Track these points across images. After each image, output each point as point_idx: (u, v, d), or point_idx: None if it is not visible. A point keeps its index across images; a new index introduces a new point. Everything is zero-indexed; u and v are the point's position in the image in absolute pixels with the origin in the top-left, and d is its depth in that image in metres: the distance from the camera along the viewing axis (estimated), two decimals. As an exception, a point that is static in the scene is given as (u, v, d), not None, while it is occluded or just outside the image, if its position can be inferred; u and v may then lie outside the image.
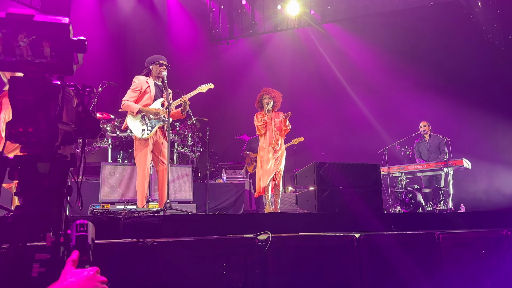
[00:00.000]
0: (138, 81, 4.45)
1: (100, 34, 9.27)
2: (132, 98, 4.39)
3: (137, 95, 4.41)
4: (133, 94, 4.40)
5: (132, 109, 4.33)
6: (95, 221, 2.68)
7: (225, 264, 2.32)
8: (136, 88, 4.42)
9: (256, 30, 9.47)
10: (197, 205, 5.85)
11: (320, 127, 9.81)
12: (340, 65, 10.25)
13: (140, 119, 4.34)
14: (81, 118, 1.27)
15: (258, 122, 5.45)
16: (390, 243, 2.70)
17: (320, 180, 3.69)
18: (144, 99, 4.42)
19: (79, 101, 1.30)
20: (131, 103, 4.36)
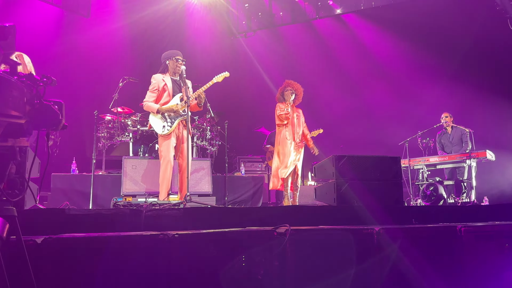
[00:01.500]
0: (155, 81, 4.57)
1: (119, 29, 9.39)
2: (152, 98, 4.54)
3: (155, 94, 4.55)
4: (152, 94, 4.55)
5: (152, 110, 4.50)
6: (118, 214, 2.75)
7: (245, 256, 2.35)
8: (153, 88, 4.56)
9: (274, 22, 9.42)
10: (217, 198, 5.92)
11: (339, 119, 9.72)
12: (359, 56, 10.09)
13: (161, 117, 4.49)
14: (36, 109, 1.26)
15: (281, 111, 5.38)
16: (410, 236, 2.68)
17: (339, 173, 3.67)
18: (163, 97, 4.54)
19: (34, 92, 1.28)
20: (150, 103, 4.52)
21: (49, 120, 1.25)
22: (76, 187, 5.63)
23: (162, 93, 4.55)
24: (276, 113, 5.45)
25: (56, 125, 1.28)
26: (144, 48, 9.33)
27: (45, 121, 1.25)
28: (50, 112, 1.24)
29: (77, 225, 2.59)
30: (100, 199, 5.54)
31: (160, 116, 4.48)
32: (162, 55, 4.68)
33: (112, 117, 6.32)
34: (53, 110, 1.24)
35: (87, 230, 2.51)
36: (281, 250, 2.41)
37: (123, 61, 9.05)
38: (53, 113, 1.24)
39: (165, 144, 4.46)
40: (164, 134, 4.46)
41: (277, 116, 5.44)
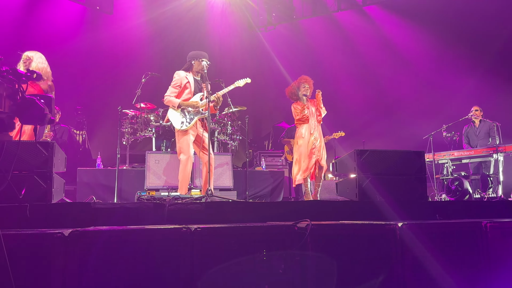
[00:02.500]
0: (178, 77, 4.63)
1: (142, 25, 9.52)
2: (173, 94, 4.59)
3: (177, 90, 4.60)
4: (173, 89, 4.61)
5: (174, 104, 4.54)
6: (142, 207, 2.81)
7: (265, 250, 2.37)
8: (176, 84, 4.61)
9: (294, 15, 9.35)
10: (237, 193, 5.96)
11: (361, 113, 9.61)
12: (382, 48, 9.90)
13: (180, 112, 4.53)
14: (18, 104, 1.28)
15: (298, 114, 5.35)
16: (433, 232, 2.64)
17: (361, 167, 3.63)
18: (184, 94, 4.59)
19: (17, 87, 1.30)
20: (172, 98, 4.57)
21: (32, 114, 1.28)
22: (101, 181, 5.77)
23: (183, 90, 4.60)
24: (295, 114, 5.42)
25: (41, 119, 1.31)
26: (166, 43, 9.43)
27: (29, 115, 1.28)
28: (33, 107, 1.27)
29: (103, 218, 2.66)
30: (124, 192, 5.66)
31: (180, 111, 4.53)
32: (188, 54, 4.74)
33: (135, 112, 6.43)
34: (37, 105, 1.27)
35: (112, 223, 2.58)
36: (302, 245, 2.42)
37: (146, 56, 9.18)
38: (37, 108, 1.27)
39: (184, 140, 4.52)
40: (182, 130, 4.51)
41: (298, 118, 5.39)
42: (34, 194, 2.77)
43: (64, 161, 3.35)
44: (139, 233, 2.26)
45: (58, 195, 3.13)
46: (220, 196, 4.42)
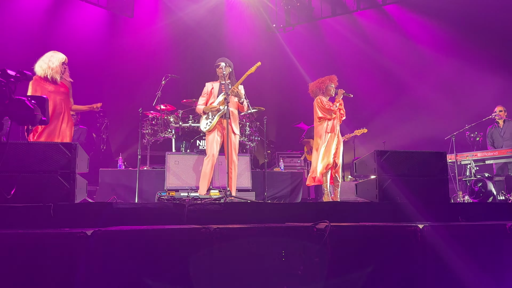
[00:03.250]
0: (205, 87, 5.13)
1: (161, 28, 9.65)
2: (201, 102, 5.07)
3: (205, 99, 5.07)
4: (202, 98, 5.10)
5: (200, 112, 5.03)
6: (162, 208, 2.85)
7: (284, 251, 2.36)
8: (204, 93, 5.14)
9: (313, 16, 9.31)
10: (256, 193, 5.97)
11: (381, 113, 9.48)
12: (403, 48, 9.74)
13: (206, 116, 4.94)
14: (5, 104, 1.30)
15: (328, 105, 5.29)
16: (456, 234, 2.58)
17: (381, 169, 3.58)
18: (210, 99, 5.02)
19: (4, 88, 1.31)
20: (200, 106, 5.05)
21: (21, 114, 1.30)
22: (122, 182, 5.87)
23: (209, 97, 5.02)
24: (321, 107, 5.31)
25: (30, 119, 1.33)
26: (185, 45, 9.53)
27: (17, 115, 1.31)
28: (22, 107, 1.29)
29: (124, 218, 2.70)
30: (145, 193, 5.75)
31: (206, 115, 4.92)
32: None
33: (155, 114, 6.52)
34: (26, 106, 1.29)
35: (133, 223, 2.62)
36: (321, 246, 2.40)
37: (165, 59, 9.30)
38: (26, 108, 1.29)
39: (208, 140, 4.86)
40: (207, 130, 4.85)
41: (324, 110, 5.30)
42: (58, 194, 2.84)
43: (86, 162, 3.42)
44: (160, 233, 2.30)
45: (81, 195, 3.20)
46: (239, 196, 4.44)
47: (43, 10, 8.42)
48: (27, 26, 8.15)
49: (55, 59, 4.39)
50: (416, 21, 9.44)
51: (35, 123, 1.43)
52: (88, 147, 7.30)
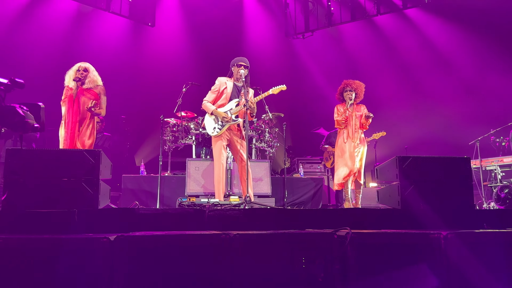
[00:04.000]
0: (218, 83, 4.77)
1: (182, 37, 9.82)
2: (210, 98, 4.74)
3: (215, 95, 4.73)
4: (211, 95, 4.76)
5: (208, 110, 4.71)
6: (183, 213, 2.88)
7: (305, 258, 2.35)
8: (214, 89, 4.76)
9: (333, 21, 9.28)
10: (276, 199, 5.95)
11: (403, 118, 9.33)
12: (424, 51, 9.59)
13: (214, 118, 4.67)
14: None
15: (338, 116, 5.27)
16: (481, 242, 2.51)
17: (403, 175, 3.52)
18: (220, 99, 4.71)
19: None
20: (208, 103, 4.71)
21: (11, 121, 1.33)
22: (144, 188, 5.96)
23: (220, 95, 4.72)
24: (334, 117, 5.36)
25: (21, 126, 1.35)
26: (205, 53, 9.65)
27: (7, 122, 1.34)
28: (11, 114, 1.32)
29: (146, 223, 2.75)
30: (166, 199, 5.81)
31: (214, 117, 4.67)
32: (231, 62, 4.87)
33: (176, 121, 6.62)
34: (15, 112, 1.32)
35: (155, 229, 2.66)
36: (342, 253, 2.38)
37: (186, 66, 9.44)
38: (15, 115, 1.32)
39: (216, 146, 4.63)
40: (214, 136, 4.65)
41: (336, 118, 5.34)
42: (82, 200, 2.91)
43: (110, 168, 3.49)
44: (181, 238, 2.32)
45: (104, 201, 3.26)
46: (259, 203, 4.43)
47: (69, 19, 8.72)
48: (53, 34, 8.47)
49: (71, 69, 4.73)
50: (436, 24, 9.30)
51: (27, 130, 1.47)
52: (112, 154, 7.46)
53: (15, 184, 2.84)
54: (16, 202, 2.80)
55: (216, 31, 9.63)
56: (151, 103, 8.77)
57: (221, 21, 9.72)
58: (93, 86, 4.71)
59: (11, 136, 6.05)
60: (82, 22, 8.85)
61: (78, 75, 4.65)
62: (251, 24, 10.25)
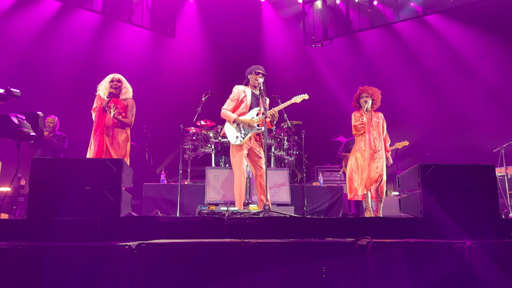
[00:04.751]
0: (237, 91, 4.75)
1: (202, 47, 9.97)
2: (230, 107, 4.70)
3: (234, 104, 4.70)
4: (231, 103, 4.72)
5: (229, 118, 4.65)
6: (202, 221, 2.90)
7: (325, 267, 2.33)
8: (233, 98, 4.73)
9: (351, 29, 9.25)
10: (295, 208, 5.92)
11: (425, 125, 9.18)
12: (445, 58, 9.44)
13: (236, 127, 4.62)
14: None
15: (356, 121, 5.20)
16: (507, 252, 2.44)
17: (425, 183, 3.45)
18: (240, 108, 4.68)
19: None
20: (229, 112, 4.67)
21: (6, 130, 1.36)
22: (165, 196, 6.02)
23: (240, 104, 4.70)
24: (352, 123, 5.28)
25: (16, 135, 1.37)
26: (224, 62, 9.76)
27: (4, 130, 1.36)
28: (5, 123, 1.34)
29: (167, 231, 2.77)
30: (186, 207, 5.86)
31: (236, 126, 4.62)
32: (246, 70, 4.86)
33: (196, 129, 6.69)
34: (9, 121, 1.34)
35: (175, 236, 2.68)
36: (363, 263, 2.35)
37: (205, 75, 9.56)
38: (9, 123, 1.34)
39: (238, 155, 4.58)
40: (236, 145, 4.59)
41: (352, 126, 5.27)
42: (104, 208, 2.96)
43: (131, 177, 3.55)
44: (201, 246, 2.34)
45: (126, 209, 3.31)
46: (278, 211, 4.42)
47: (92, 31, 9.00)
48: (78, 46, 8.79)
49: (104, 80, 4.86)
50: (458, 30, 9.15)
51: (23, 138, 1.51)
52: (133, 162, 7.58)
53: (40, 192, 2.91)
54: (40, 210, 2.87)
55: (234, 41, 9.74)
56: (171, 112, 8.90)
57: (240, 31, 9.82)
58: (125, 98, 4.84)
59: (40, 146, 6.22)
60: (105, 34, 9.11)
61: (113, 86, 4.77)
62: (270, 33, 10.32)
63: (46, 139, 6.12)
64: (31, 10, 8.43)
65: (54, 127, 6.34)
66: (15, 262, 2.23)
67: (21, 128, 1.93)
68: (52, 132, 6.27)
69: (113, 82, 4.79)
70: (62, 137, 6.43)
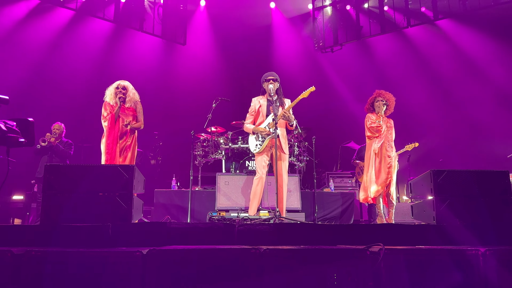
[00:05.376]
0: (252, 104, 4.94)
1: (212, 54, 10.05)
2: (249, 120, 4.92)
3: (253, 116, 4.92)
4: (250, 116, 4.94)
5: (249, 130, 4.90)
6: (213, 228, 2.90)
7: (336, 274, 2.31)
8: (251, 111, 4.94)
9: (362, 34, 9.23)
10: (306, 214, 5.88)
11: (436, 131, 9.09)
12: (457, 63, 9.34)
13: (255, 136, 4.81)
14: None
15: (372, 122, 5.13)
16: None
17: (438, 189, 3.42)
18: (259, 118, 4.86)
19: None
20: (248, 124, 4.90)
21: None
22: (175, 202, 6.05)
23: (257, 115, 4.87)
24: (367, 125, 5.22)
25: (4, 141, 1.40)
26: (234, 69, 9.81)
27: None
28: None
29: (177, 237, 2.78)
30: (196, 213, 5.87)
31: (255, 135, 4.81)
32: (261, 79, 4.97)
33: (206, 136, 6.72)
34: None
35: (186, 243, 2.69)
36: (375, 270, 2.32)
37: (215, 82, 9.62)
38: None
39: (258, 161, 4.76)
40: (256, 152, 4.76)
41: (367, 127, 5.21)
42: (116, 214, 2.98)
43: (142, 183, 3.58)
44: (211, 252, 2.33)
45: (137, 215, 3.34)
46: (289, 217, 4.40)
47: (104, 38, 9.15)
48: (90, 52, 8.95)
49: (111, 86, 4.97)
50: (469, 34, 9.08)
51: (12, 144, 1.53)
52: (144, 169, 7.63)
53: (53, 198, 2.95)
54: (53, 216, 2.91)
55: (244, 48, 9.79)
56: (182, 118, 8.97)
57: (250, 38, 9.88)
58: (132, 104, 4.93)
59: (47, 152, 6.31)
60: (117, 41, 9.25)
61: (119, 93, 4.84)
62: (279, 39, 10.35)
63: (53, 145, 6.20)
64: (45, 19, 8.62)
65: (60, 134, 6.42)
66: (28, 268, 2.26)
67: (9, 135, 1.97)
68: (58, 139, 6.35)
69: (118, 89, 4.89)
70: (69, 143, 6.52)
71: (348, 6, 9.45)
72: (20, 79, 8.07)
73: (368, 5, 9.20)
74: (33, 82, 8.28)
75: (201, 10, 10.11)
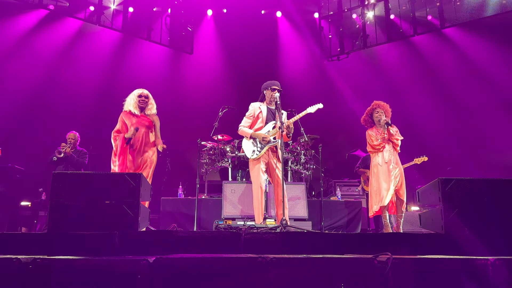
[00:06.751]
0: (252, 108, 4.88)
1: (219, 63, 10.12)
2: (247, 124, 4.85)
3: (251, 121, 4.84)
4: (247, 120, 4.86)
5: (246, 134, 4.81)
6: (219, 236, 2.90)
7: (344, 284, 2.29)
8: (249, 115, 4.87)
9: (368, 43, 9.24)
10: (312, 223, 5.85)
11: (445, 139, 9.03)
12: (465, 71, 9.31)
13: (252, 141, 4.73)
14: None
15: (375, 141, 5.14)
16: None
17: (446, 198, 3.38)
18: (257, 123, 4.80)
19: None
20: (245, 128, 4.82)
21: None
22: (182, 210, 6.04)
23: (256, 120, 4.81)
24: (369, 142, 5.25)
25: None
26: (241, 77, 9.86)
27: None
28: None
29: (184, 245, 2.78)
30: (203, 221, 5.87)
31: (252, 141, 4.73)
32: (262, 85, 4.94)
33: (213, 144, 6.74)
34: None
35: (192, 251, 2.68)
36: (383, 279, 2.30)
37: (222, 90, 9.68)
38: None
39: (255, 169, 4.66)
40: (253, 159, 4.68)
41: (370, 145, 5.23)
42: (123, 223, 2.98)
43: (149, 191, 3.58)
44: (218, 261, 2.33)
45: (144, 223, 3.34)
46: (295, 226, 4.38)
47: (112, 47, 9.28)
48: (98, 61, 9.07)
49: (131, 94, 4.93)
50: (476, 42, 9.05)
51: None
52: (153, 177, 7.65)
53: (60, 206, 2.97)
54: (60, 224, 2.92)
55: (251, 56, 9.85)
56: (189, 127, 9.01)
57: (256, 46, 9.94)
58: (151, 114, 4.92)
59: (62, 163, 6.33)
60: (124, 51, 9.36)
61: (141, 101, 4.85)
62: (286, 48, 10.40)
63: (68, 155, 6.19)
64: (55, 29, 8.76)
65: (75, 143, 6.46)
66: (35, 276, 2.27)
67: None
68: (73, 148, 6.38)
69: (141, 97, 4.86)
70: (83, 152, 6.54)
71: (354, 15, 9.48)
72: (31, 86, 8.22)
73: (374, 14, 9.23)
74: (43, 91, 8.41)
75: (208, 19, 10.21)
